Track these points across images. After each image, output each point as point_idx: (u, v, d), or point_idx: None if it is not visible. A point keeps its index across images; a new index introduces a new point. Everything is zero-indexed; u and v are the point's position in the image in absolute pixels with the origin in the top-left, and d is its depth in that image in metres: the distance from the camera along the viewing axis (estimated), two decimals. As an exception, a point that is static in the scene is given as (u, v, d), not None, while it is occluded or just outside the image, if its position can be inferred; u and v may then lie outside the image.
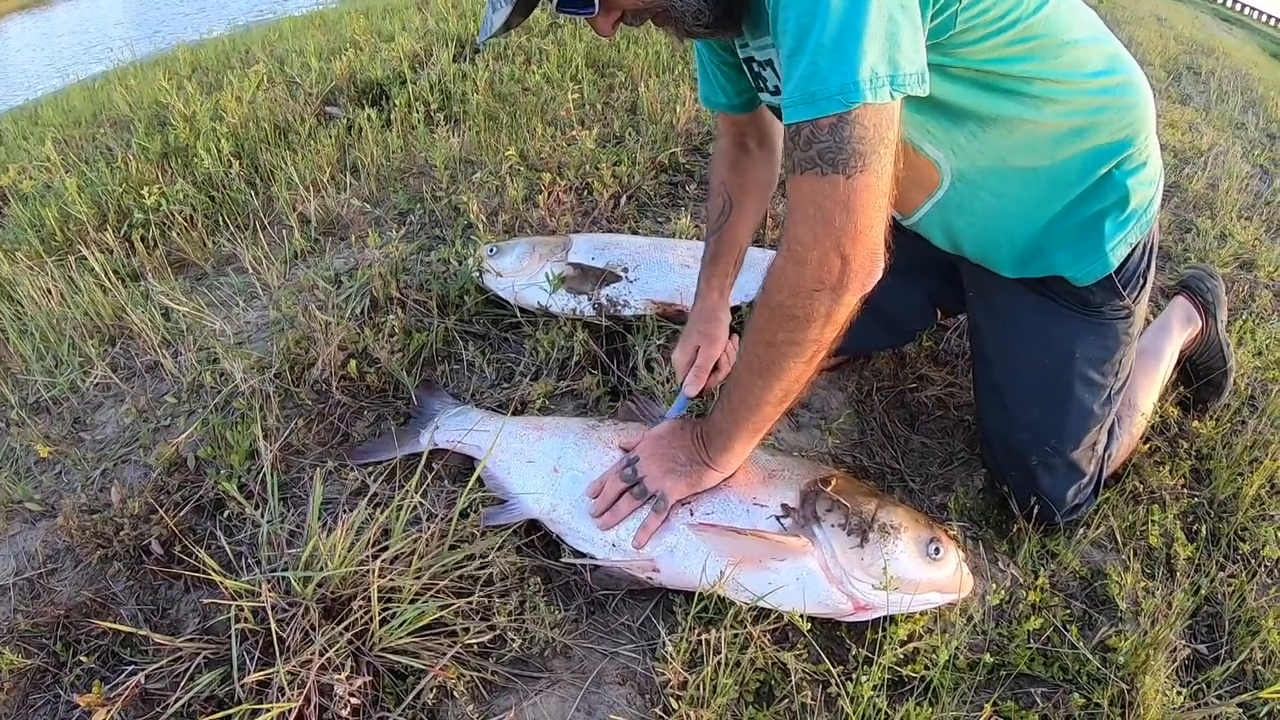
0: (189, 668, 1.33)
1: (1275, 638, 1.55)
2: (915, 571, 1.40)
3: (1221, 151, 4.36)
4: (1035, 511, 1.68)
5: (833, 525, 1.41)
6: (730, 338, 1.84)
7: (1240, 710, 1.44)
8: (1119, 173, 1.52)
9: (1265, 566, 1.74)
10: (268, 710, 1.21)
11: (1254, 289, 2.84)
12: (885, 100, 1.15)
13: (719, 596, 1.41)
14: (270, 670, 1.24)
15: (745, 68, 1.59)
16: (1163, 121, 4.63)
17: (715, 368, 1.80)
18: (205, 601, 1.44)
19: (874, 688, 1.29)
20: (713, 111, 1.84)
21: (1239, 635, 1.58)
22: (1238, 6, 20.53)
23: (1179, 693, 1.43)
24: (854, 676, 1.33)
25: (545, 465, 1.58)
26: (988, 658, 1.42)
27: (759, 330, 1.32)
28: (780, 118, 1.57)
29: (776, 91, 1.53)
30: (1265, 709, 1.45)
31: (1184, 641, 1.56)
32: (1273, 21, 20.97)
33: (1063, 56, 1.41)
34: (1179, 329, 2.04)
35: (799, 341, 1.28)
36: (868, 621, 1.43)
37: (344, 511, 1.43)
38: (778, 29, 1.19)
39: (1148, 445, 1.94)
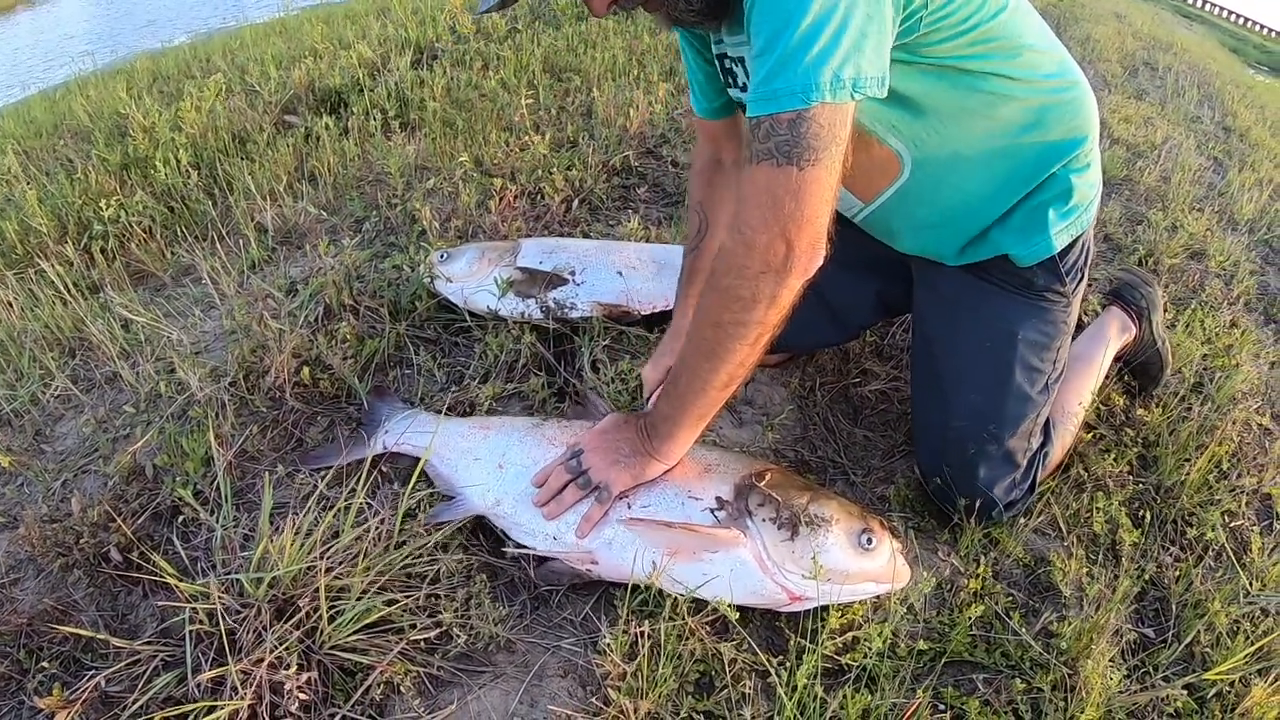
0: (146, 670, 1.36)
1: (1222, 620, 1.59)
2: (847, 563, 1.44)
3: (1175, 145, 4.43)
4: (970, 508, 1.69)
5: (764, 519, 1.46)
6: None
7: (1185, 692, 1.47)
8: (1064, 171, 1.60)
9: (1212, 550, 1.78)
10: (222, 708, 1.24)
11: (1204, 278, 2.92)
12: (844, 100, 1.23)
13: (659, 589, 1.45)
14: (223, 669, 1.28)
15: (718, 64, 1.65)
16: (1117, 116, 4.69)
17: None
18: (160, 604, 1.47)
19: (809, 676, 1.32)
20: (697, 116, 1.89)
21: (1186, 618, 1.62)
22: (1198, 2, 20.77)
23: (1125, 675, 1.46)
24: (787, 665, 1.37)
25: (491, 462, 1.63)
26: (922, 644, 1.47)
27: (707, 312, 1.38)
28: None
29: (746, 88, 1.57)
30: (1213, 690, 1.49)
31: (1130, 625, 1.60)
32: (1232, 17, 21.25)
33: (1020, 57, 1.49)
34: (1115, 338, 2.10)
35: (745, 323, 1.34)
36: (807, 611, 1.46)
37: (296, 515, 1.47)
38: (751, 29, 1.27)
39: (1092, 434, 1.98)
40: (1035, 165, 1.58)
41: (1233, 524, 1.86)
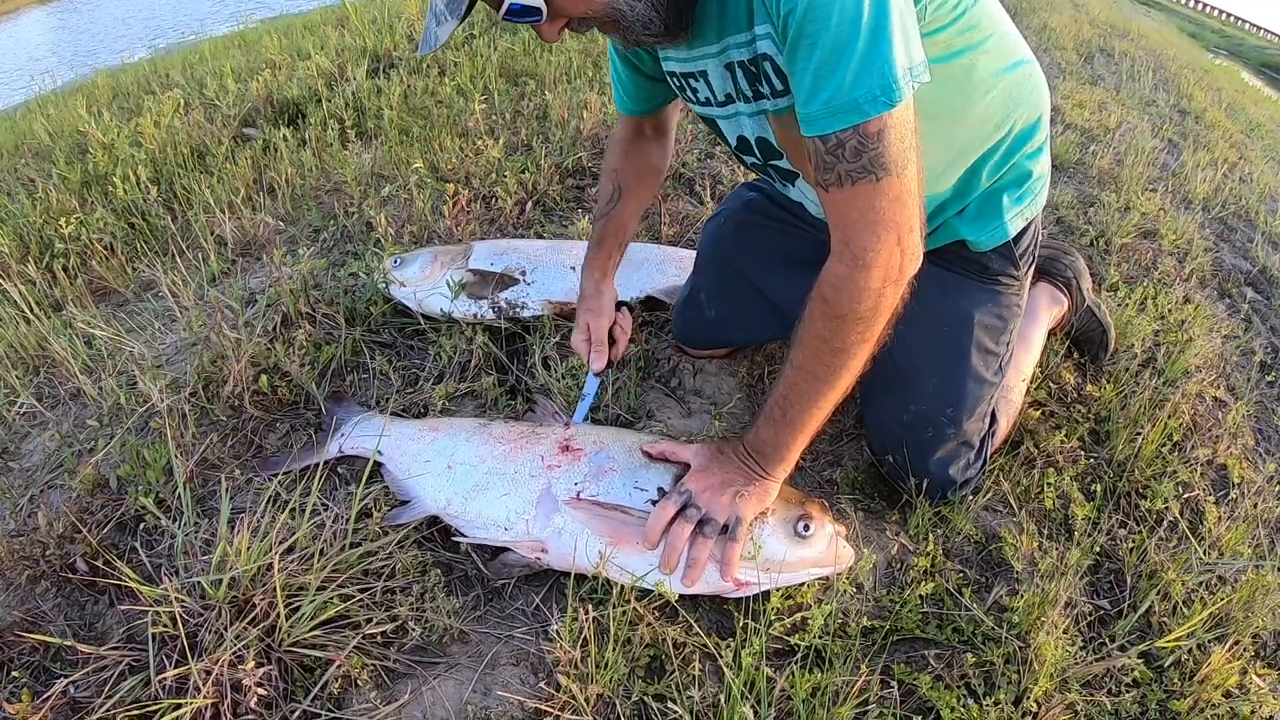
0: (113, 674, 1.39)
1: (1178, 588, 1.61)
2: (786, 550, 1.47)
3: (1129, 128, 4.46)
4: (923, 487, 1.71)
5: None
6: (619, 310, 1.93)
7: (1142, 661, 1.49)
8: (1022, 159, 1.62)
9: (1166, 521, 1.80)
10: (185, 706, 1.28)
11: (1157, 257, 2.94)
12: (912, 92, 1.22)
13: (608, 577, 1.48)
14: (186, 669, 1.31)
15: (670, 81, 1.64)
16: (1071, 102, 4.71)
17: (612, 340, 1.88)
18: (125, 610, 1.49)
19: (754, 657, 1.34)
20: (621, 114, 1.91)
21: (1141, 589, 1.63)
22: (1156, -12, 21.02)
23: (1079, 647, 1.48)
24: (732, 646, 1.40)
25: (440, 463, 1.66)
26: (866, 621, 1.49)
27: (826, 340, 1.36)
28: (714, 126, 1.63)
29: (708, 102, 1.58)
30: (1170, 658, 1.50)
31: (1084, 598, 1.61)
32: (1190, 2, 21.52)
33: (994, 49, 1.50)
34: (1046, 311, 2.13)
35: (868, 339, 1.34)
36: (753, 595, 1.49)
37: (257, 518, 1.50)
38: (802, 41, 1.21)
39: (1041, 412, 2.01)
40: (1003, 156, 1.60)
41: (1187, 495, 1.88)
